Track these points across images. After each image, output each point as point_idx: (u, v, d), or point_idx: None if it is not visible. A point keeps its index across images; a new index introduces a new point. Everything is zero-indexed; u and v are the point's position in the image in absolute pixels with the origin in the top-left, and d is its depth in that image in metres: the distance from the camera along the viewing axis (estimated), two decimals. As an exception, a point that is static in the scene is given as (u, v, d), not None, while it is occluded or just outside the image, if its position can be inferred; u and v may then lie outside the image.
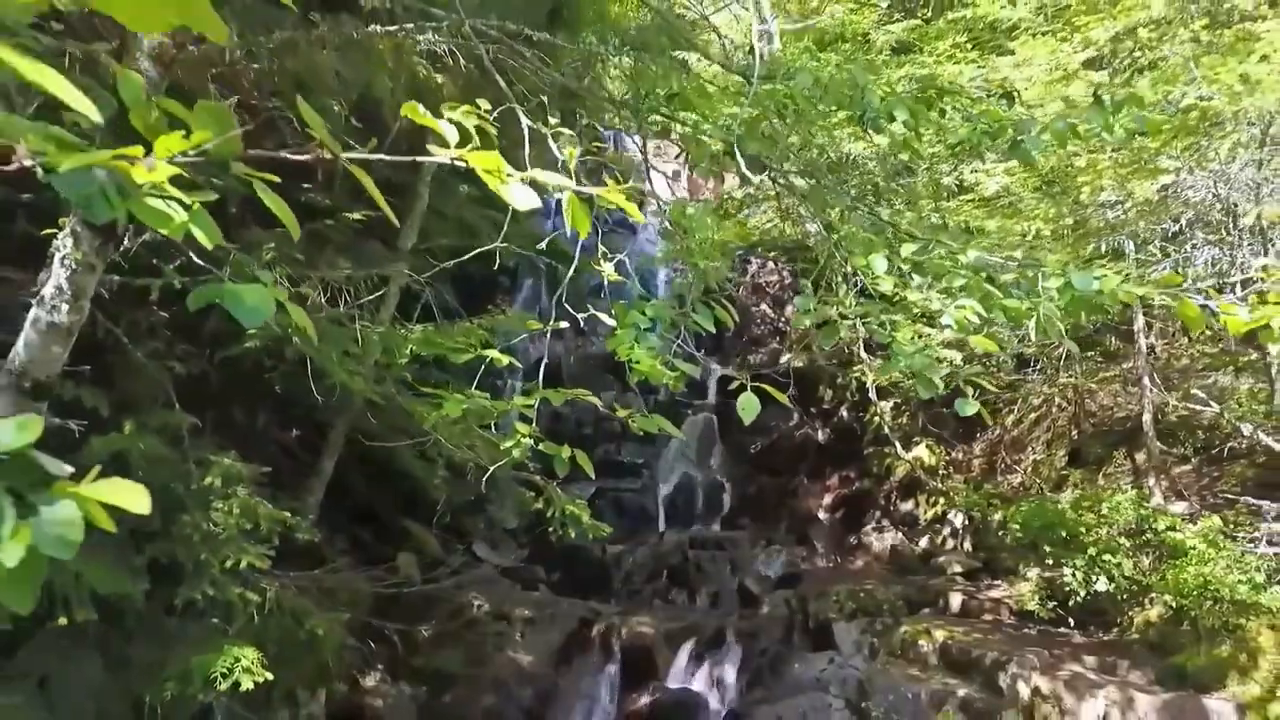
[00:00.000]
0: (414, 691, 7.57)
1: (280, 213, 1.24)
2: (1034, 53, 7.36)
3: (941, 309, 2.84)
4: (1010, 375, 9.65)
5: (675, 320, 2.55)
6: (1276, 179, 4.81)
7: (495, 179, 1.24)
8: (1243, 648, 5.57)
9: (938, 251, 2.93)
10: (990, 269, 2.95)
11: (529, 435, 2.71)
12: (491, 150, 1.32)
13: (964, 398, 2.75)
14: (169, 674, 4.73)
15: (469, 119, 3.33)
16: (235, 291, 1.35)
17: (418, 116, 1.32)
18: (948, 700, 5.72)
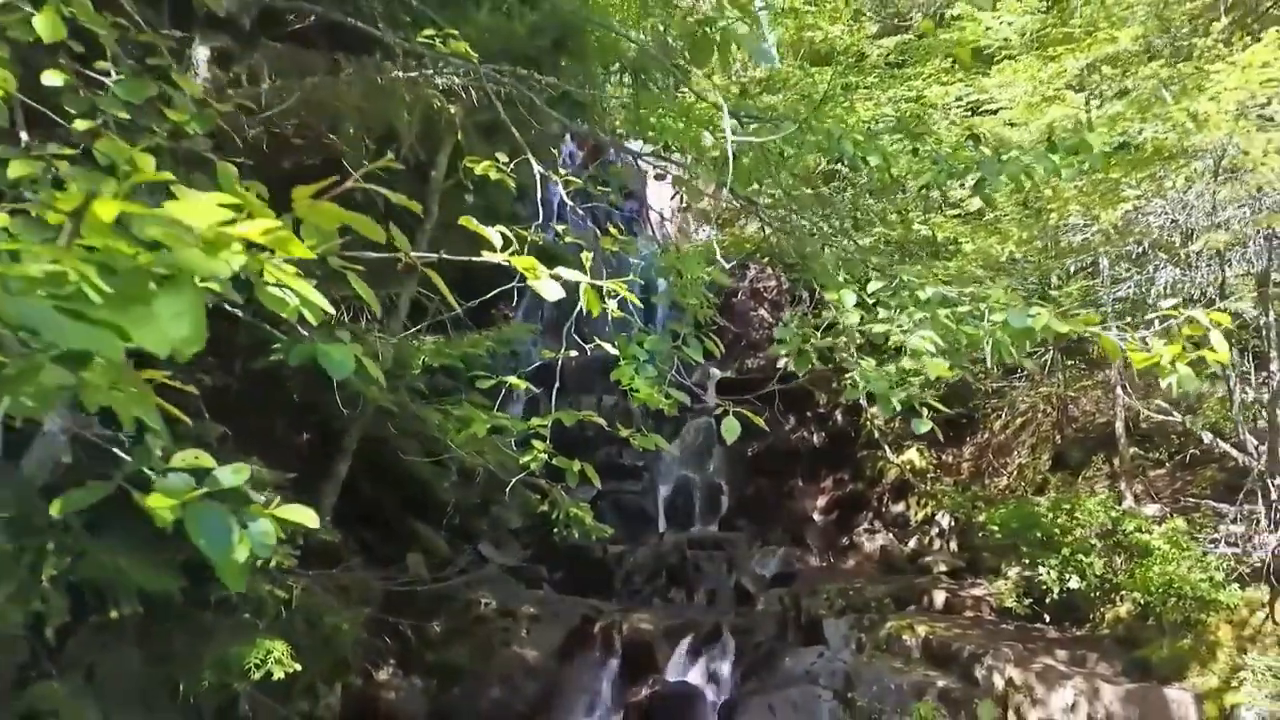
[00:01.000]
0: (425, 685, 8.02)
1: (366, 297, 1.67)
2: (1015, 76, 7.81)
3: (903, 339, 3.29)
4: (997, 382, 10.10)
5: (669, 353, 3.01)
6: (1229, 206, 5.24)
7: (531, 275, 1.69)
8: (1202, 641, 6.02)
9: (899, 288, 3.37)
10: (947, 303, 3.39)
11: (543, 451, 3.15)
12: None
13: (958, 405, 3.19)
14: (207, 664, 5.17)
15: (490, 170, 3.78)
16: (326, 350, 1.79)
17: (471, 225, 1.77)
18: (928, 691, 6.17)
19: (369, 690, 7.72)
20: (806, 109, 10.00)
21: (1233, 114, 4.76)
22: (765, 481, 12.00)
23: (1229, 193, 5.11)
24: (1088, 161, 4.14)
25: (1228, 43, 5.59)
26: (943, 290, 3.42)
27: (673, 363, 3.06)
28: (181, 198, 0.87)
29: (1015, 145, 7.75)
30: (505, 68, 4.85)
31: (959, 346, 3.46)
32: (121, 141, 1.75)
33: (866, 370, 3.24)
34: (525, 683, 8.07)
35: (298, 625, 6.24)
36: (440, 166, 8.05)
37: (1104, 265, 6.40)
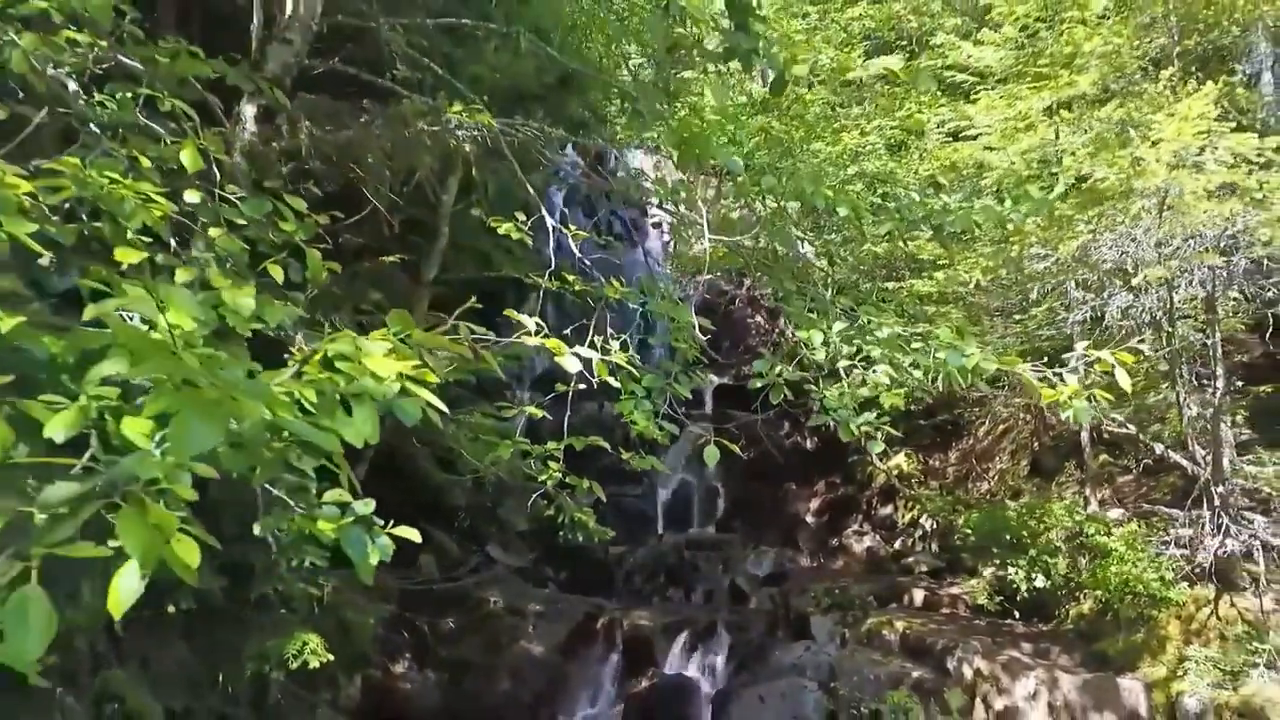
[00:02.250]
0: (438, 677, 8.65)
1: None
2: (993, 106, 8.43)
3: (863, 373, 3.92)
4: (980, 392, 10.72)
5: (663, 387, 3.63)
6: (1175, 239, 5.84)
7: (558, 352, 2.30)
8: (1153, 635, 6.64)
9: (861, 330, 3.98)
10: (901, 341, 4.01)
11: (558, 470, 3.77)
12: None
13: (944, 413, 3.79)
14: (248, 656, 5.80)
15: (513, 232, 4.41)
16: (400, 405, 2.40)
17: (513, 316, 2.39)
18: (903, 681, 6.79)
19: (386, 682, 8.34)
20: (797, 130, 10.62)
21: (1169, 162, 5.37)
22: (760, 485, 12.59)
23: (1170, 229, 5.72)
24: (1030, 208, 4.76)
25: (1175, 89, 6.19)
26: (897, 330, 4.03)
27: (666, 397, 3.69)
28: (365, 348, 1.49)
29: (994, 167, 8.43)
30: (519, 123, 5.47)
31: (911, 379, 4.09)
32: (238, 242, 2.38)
33: (831, 399, 3.87)
34: (532, 676, 8.67)
35: (324, 621, 6.87)
36: (451, 190, 8.69)
37: (1071, 288, 7.01)
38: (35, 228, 2.04)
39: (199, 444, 1.21)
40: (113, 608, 1.44)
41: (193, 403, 1.22)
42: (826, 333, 3.96)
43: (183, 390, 1.23)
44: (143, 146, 2.59)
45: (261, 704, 6.66)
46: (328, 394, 1.49)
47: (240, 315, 1.76)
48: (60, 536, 1.28)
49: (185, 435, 1.20)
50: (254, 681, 6.42)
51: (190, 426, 1.19)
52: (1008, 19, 7.94)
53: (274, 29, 5.30)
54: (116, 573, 1.45)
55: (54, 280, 2.23)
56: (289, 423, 1.35)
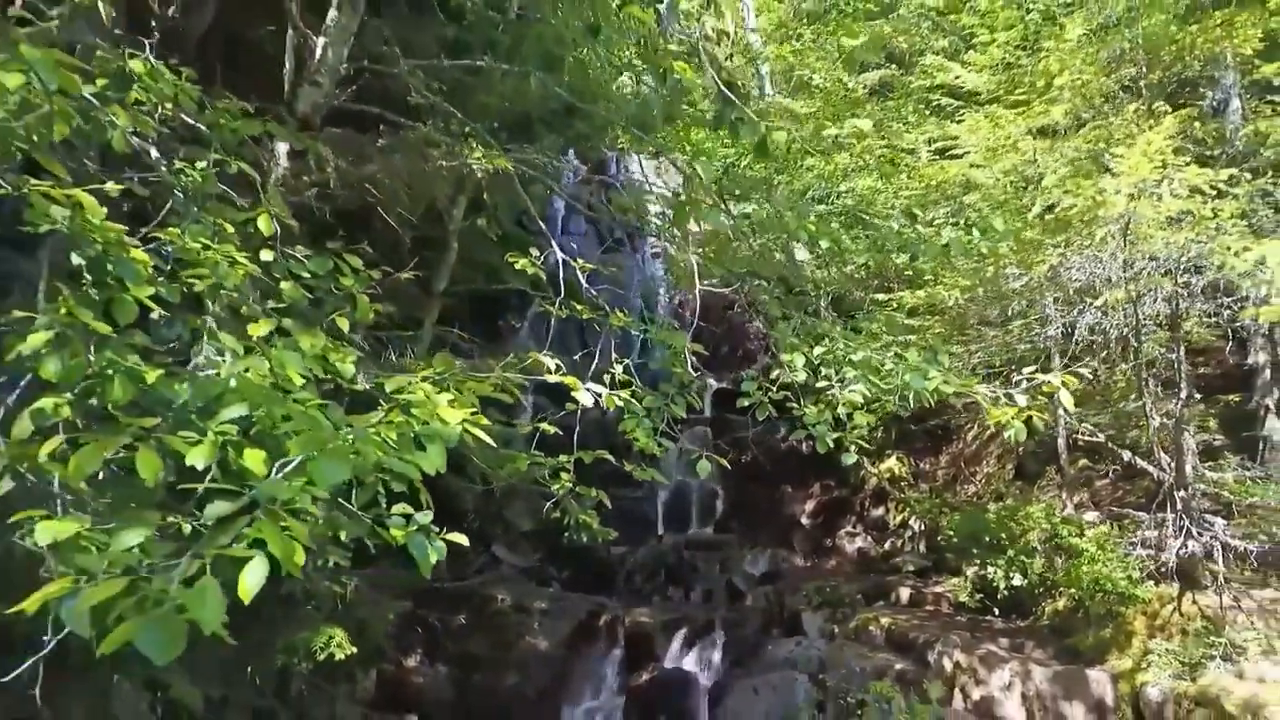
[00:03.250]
0: (449, 671, 9.17)
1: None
2: (977, 126, 8.95)
3: (838, 391, 4.44)
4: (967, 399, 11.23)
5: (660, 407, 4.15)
6: (1139, 260, 6.35)
7: (574, 388, 2.83)
8: (1121, 630, 7.17)
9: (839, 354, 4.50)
10: (874, 363, 4.53)
11: (569, 481, 4.29)
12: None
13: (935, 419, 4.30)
14: (278, 649, 6.33)
15: (529, 267, 4.92)
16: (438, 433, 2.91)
17: (536, 358, 2.91)
18: (887, 672, 7.31)
19: (400, 675, 8.87)
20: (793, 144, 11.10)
21: (1130, 192, 5.87)
22: (758, 487, 13.10)
23: (1133, 252, 6.23)
24: (998, 238, 5.29)
25: (1138, 122, 6.70)
26: (870, 354, 4.55)
27: (664, 416, 4.20)
28: (435, 400, 2.01)
29: (980, 184, 8.94)
30: (528, 154, 5.99)
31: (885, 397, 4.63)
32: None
33: (810, 416, 4.39)
34: (538, 670, 9.18)
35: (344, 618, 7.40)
36: (460, 207, 9.22)
37: (1050, 304, 7.52)
38: (153, 290, 2.57)
39: (332, 479, 1.73)
40: (242, 594, 1.96)
41: (326, 446, 1.74)
42: (808, 355, 4.48)
43: (314, 435, 1.75)
44: (220, 212, 3.12)
45: (285, 694, 7.20)
46: (405, 435, 2.01)
47: (342, 375, 2.29)
48: (224, 541, 1.80)
49: (322, 473, 1.72)
50: (278, 673, 6.96)
51: (327, 466, 1.71)
52: (990, 45, 8.44)
53: (304, 72, 5.83)
54: (245, 566, 1.97)
55: (164, 332, 2.75)
56: (388, 460, 1.87)
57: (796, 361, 4.46)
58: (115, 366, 2.20)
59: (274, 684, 7.11)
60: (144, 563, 1.75)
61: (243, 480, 2.10)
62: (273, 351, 2.25)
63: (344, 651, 6.43)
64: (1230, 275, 5.83)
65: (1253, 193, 6.43)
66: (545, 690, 9.01)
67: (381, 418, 2.01)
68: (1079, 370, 5.31)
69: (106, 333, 2.21)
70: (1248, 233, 5.95)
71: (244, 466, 2.09)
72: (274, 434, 2.16)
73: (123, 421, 2.11)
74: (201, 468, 2.08)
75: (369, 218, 8.13)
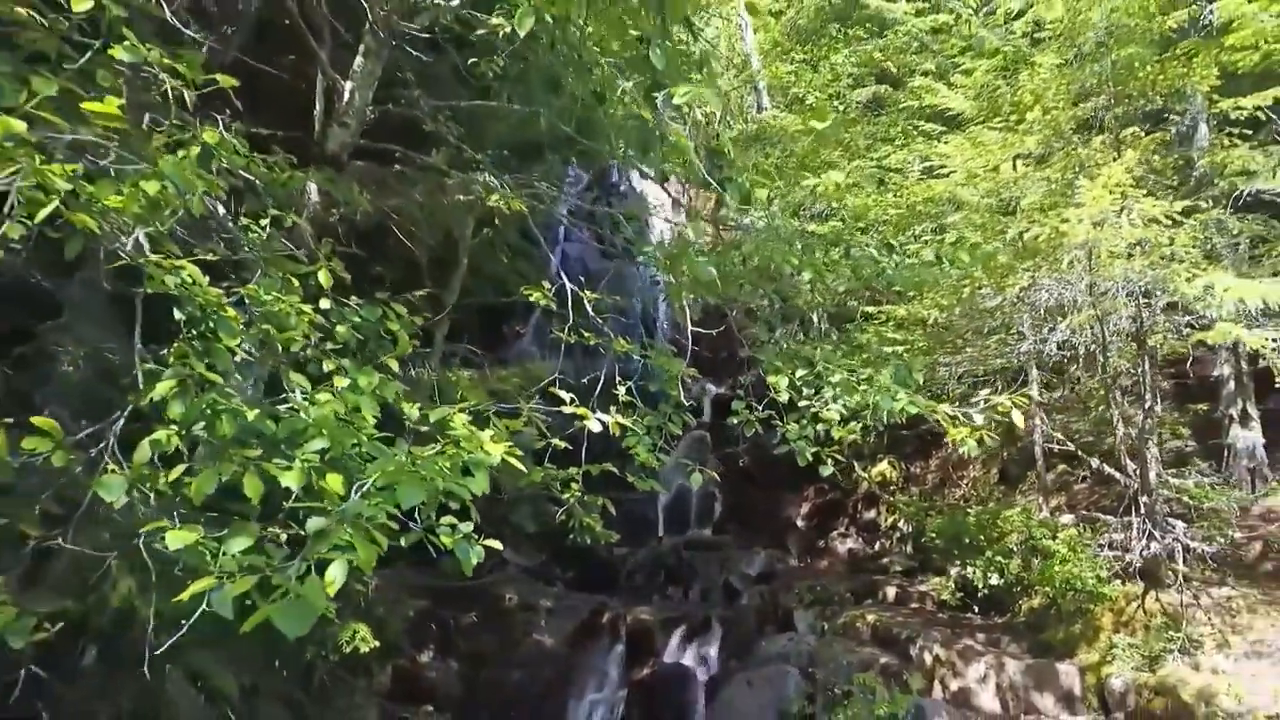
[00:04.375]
0: (460, 666, 9.76)
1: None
2: (961, 147, 9.53)
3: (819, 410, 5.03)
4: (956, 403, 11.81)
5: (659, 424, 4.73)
6: (1104, 283, 6.92)
7: (585, 417, 3.40)
8: (1089, 626, 7.75)
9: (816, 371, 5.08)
10: (850, 384, 5.11)
11: (578, 491, 4.88)
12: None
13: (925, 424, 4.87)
14: (309, 642, 6.92)
15: (542, 300, 5.49)
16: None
17: (555, 392, 3.49)
18: (872, 665, 7.89)
19: (414, 670, 9.46)
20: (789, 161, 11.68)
21: (1093, 221, 6.43)
22: (754, 490, 13.68)
23: (1097, 276, 6.80)
24: (968, 265, 5.87)
25: (1104, 152, 7.27)
26: (845, 375, 5.13)
27: (663, 433, 4.78)
28: (479, 436, 2.60)
29: (966, 202, 9.52)
30: (538, 189, 6.58)
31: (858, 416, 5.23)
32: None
33: (792, 432, 4.98)
34: (544, 665, 9.75)
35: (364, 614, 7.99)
36: (469, 226, 9.81)
37: (1026, 322, 8.10)
38: (238, 340, 3.16)
39: (412, 501, 2.32)
40: (329, 587, 2.55)
41: (406, 475, 2.32)
42: (791, 377, 5.06)
43: (394, 463, 2.34)
44: (283, 265, 3.70)
45: (309, 685, 7.80)
46: (457, 463, 2.60)
47: (409, 416, 2.88)
48: (324, 548, 2.38)
49: (405, 495, 2.31)
50: (304, 666, 7.56)
51: (407, 490, 2.30)
52: (972, 73, 9.01)
53: (333, 115, 6.42)
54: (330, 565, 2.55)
55: (245, 372, 3.33)
56: (448, 484, 2.46)
57: (781, 383, 5.03)
58: (220, 406, 2.78)
59: (300, 676, 7.72)
60: (267, 563, 2.33)
61: (321, 498, 2.70)
62: (347, 394, 2.84)
63: (367, 645, 7.02)
64: (1183, 299, 6.41)
65: (1207, 221, 7.01)
66: (551, 684, 9.57)
67: (438, 449, 2.59)
68: (1076, 378, 5.84)
69: (215, 380, 2.79)
70: (1201, 260, 6.53)
71: (324, 488, 2.68)
72: (347, 461, 2.76)
73: (232, 452, 2.70)
74: (295, 489, 2.67)
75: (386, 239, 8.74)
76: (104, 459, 3.07)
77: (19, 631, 2.87)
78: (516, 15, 3.42)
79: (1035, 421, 8.59)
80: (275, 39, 8.47)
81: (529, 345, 16.67)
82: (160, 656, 6.02)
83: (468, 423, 2.76)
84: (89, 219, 2.70)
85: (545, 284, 5.82)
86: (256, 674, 7.12)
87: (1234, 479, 8.71)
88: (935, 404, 4.69)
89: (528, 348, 16.50)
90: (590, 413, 3.56)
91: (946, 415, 4.66)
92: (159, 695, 5.77)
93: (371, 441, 2.75)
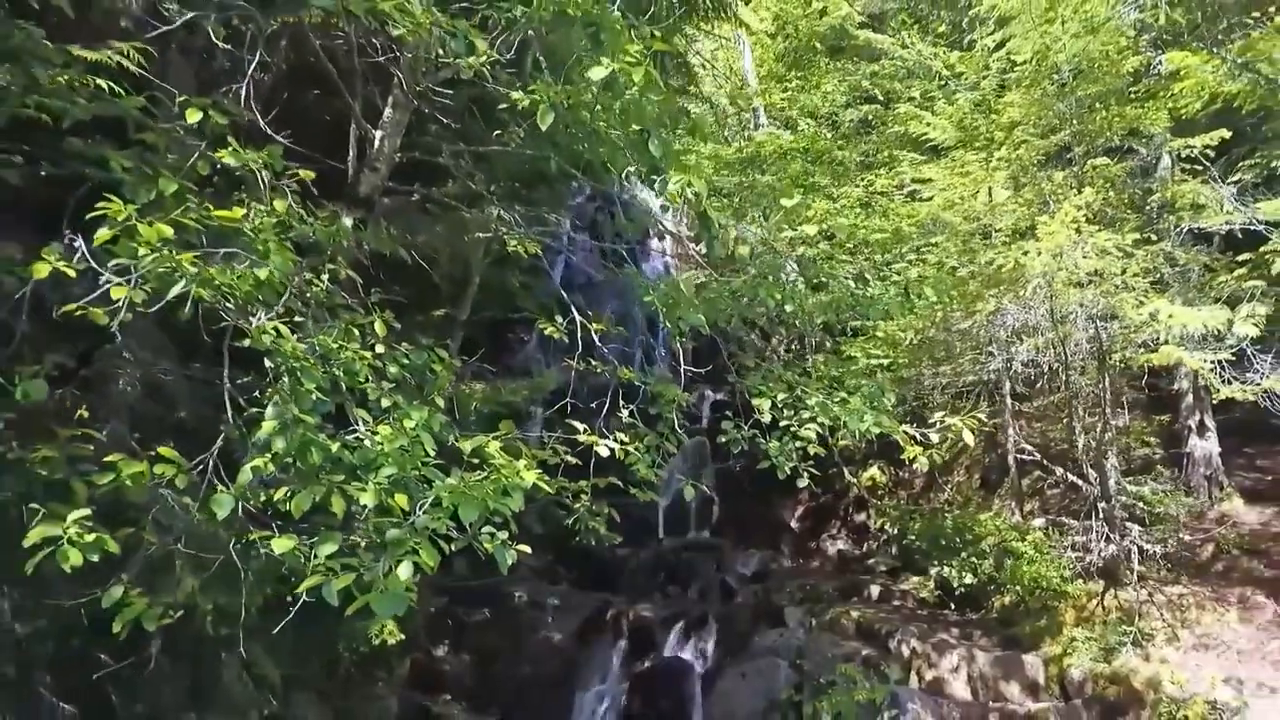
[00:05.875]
0: (472, 660, 10.56)
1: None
2: (943, 172, 10.32)
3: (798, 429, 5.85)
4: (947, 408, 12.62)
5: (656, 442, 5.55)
6: (1063, 308, 7.72)
7: (595, 444, 4.21)
8: (1053, 621, 8.57)
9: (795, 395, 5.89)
10: (825, 406, 5.91)
11: (586, 503, 5.69)
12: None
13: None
14: (341, 635, 7.74)
15: (554, 333, 6.34)
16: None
17: (573, 426, 4.30)
18: (854, 658, 8.70)
19: (430, 664, 10.26)
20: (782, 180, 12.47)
21: (1051, 253, 7.23)
22: (751, 494, 14.45)
23: (1056, 303, 7.62)
24: (934, 297, 6.68)
25: (1065, 189, 8.06)
26: (822, 398, 5.93)
27: (662, 452, 5.60)
28: (515, 465, 3.41)
29: (949, 223, 10.32)
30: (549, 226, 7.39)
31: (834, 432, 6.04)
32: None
33: (773, 449, 5.79)
34: (551, 659, 10.52)
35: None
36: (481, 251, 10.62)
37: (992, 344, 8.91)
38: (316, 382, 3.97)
39: (470, 517, 3.13)
40: (407, 584, 3.35)
41: (465, 497, 3.13)
42: (774, 400, 5.87)
43: (455, 485, 3.16)
44: (344, 317, 4.52)
45: (335, 676, 8.64)
46: (497, 485, 3.41)
47: (462, 450, 3.70)
48: (400, 553, 3.19)
49: (465, 512, 3.12)
50: (332, 658, 8.40)
51: (467, 508, 3.11)
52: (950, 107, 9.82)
53: (364, 160, 7.23)
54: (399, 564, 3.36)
55: (320, 407, 4.13)
56: (494, 503, 3.26)
57: (764, 405, 5.84)
58: (311, 441, 3.60)
59: (328, 667, 8.56)
60: (359, 563, 3.15)
61: (390, 514, 3.52)
62: (405, 426, 3.66)
63: (394, 638, 7.84)
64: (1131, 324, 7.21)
65: (1158, 252, 7.82)
66: (558, 676, 10.34)
67: (485, 475, 3.40)
68: (1044, 392, 6.63)
69: (307, 421, 3.60)
70: (1149, 288, 7.32)
71: (392, 504, 3.50)
72: (409, 484, 3.58)
73: (322, 477, 3.52)
74: (370, 506, 3.49)
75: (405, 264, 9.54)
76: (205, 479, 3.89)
77: (150, 618, 3.68)
78: (539, 112, 4.23)
79: (1009, 432, 9.39)
80: (307, 78, 9.28)
81: (533, 351, 17.42)
82: (215, 647, 6.89)
83: (500, 449, 3.56)
84: (204, 293, 3.52)
85: (552, 299, 6.59)
86: (292, 665, 7.95)
87: (1193, 485, 9.51)
88: (897, 425, 5.50)
89: (532, 353, 17.25)
90: (599, 439, 4.36)
91: (906, 435, 5.46)
92: (216, 681, 6.60)
93: (428, 468, 3.56)
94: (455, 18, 4.59)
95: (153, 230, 3.18)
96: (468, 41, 4.22)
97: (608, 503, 6.04)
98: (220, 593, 5.93)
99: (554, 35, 4.76)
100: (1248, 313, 7.04)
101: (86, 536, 3.11)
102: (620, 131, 4.54)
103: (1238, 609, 8.21)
